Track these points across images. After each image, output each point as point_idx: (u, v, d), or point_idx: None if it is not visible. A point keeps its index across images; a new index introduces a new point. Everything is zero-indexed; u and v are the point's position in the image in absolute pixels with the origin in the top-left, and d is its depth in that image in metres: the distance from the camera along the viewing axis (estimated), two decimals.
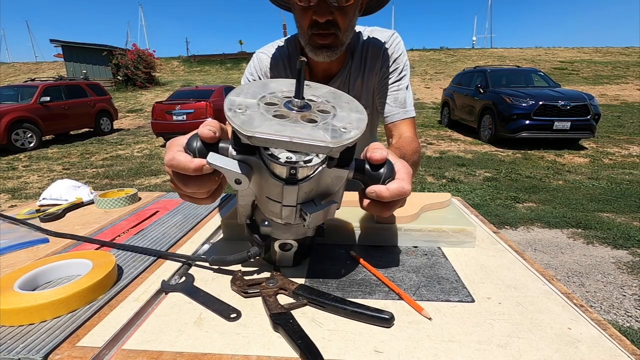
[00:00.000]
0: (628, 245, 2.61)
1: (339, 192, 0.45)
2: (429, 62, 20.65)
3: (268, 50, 0.92)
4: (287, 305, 0.42)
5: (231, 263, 0.51)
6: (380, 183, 0.44)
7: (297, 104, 0.41)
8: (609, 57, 20.46)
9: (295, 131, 0.36)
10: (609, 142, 6.40)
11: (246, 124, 0.36)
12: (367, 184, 0.45)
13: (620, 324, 1.79)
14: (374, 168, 0.44)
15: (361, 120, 0.41)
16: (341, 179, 0.44)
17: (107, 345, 0.37)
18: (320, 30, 0.73)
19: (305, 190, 0.42)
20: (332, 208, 0.45)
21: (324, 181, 0.43)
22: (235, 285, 0.47)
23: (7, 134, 6.76)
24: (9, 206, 3.86)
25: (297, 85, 0.41)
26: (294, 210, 0.43)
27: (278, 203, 0.43)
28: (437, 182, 4.32)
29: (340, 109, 0.43)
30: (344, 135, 0.38)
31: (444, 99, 8.85)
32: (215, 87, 8.25)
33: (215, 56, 27.02)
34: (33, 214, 0.79)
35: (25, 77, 19.88)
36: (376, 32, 0.90)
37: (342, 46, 0.77)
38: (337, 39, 0.75)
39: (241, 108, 0.38)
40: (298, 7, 0.73)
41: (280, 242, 0.49)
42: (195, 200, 0.45)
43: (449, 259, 0.56)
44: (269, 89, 0.44)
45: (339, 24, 0.73)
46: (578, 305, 0.43)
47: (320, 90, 0.47)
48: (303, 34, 0.76)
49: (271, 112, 0.39)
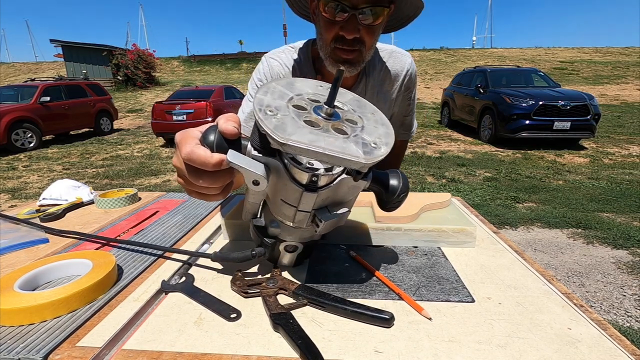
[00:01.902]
0: (628, 245, 2.61)
1: (352, 200, 0.45)
2: (429, 62, 20.65)
3: (279, 57, 0.89)
4: (287, 305, 0.42)
5: (234, 260, 0.50)
6: (395, 197, 0.44)
7: (326, 112, 0.40)
8: (609, 57, 20.46)
9: (328, 142, 0.35)
10: (609, 142, 6.40)
11: (279, 129, 0.35)
12: (382, 197, 0.45)
13: (620, 324, 1.79)
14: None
15: (389, 135, 0.41)
16: (358, 189, 0.44)
17: (107, 345, 0.37)
18: (345, 46, 0.71)
19: (323, 197, 0.41)
20: (345, 216, 0.45)
21: (341, 190, 0.42)
22: (235, 285, 0.47)
23: (7, 134, 6.76)
24: (9, 206, 3.86)
25: (331, 92, 0.39)
26: (308, 215, 0.43)
27: (293, 207, 0.42)
28: (437, 182, 4.32)
29: (367, 120, 0.42)
30: (375, 152, 0.37)
31: (444, 99, 8.85)
32: (215, 87, 8.24)
33: (215, 56, 27.03)
34: (33, 214, 0.79)
35: (25, 77, 19.88)
36: (396, 56, 0.91)
37: (363, 63, 0.75)
38: (360, 56, 0.73)
39: (272, 110, 0.37)
40: (324, 19, 0.70)
41: (286, 244, 0.49)
42: (206, 197, 0.43)
43: (449, 259, 0.56)
44: (296, 90, 0.43)
45: (365, 42, 0.71)
46: (578, 305, 0.43)
47: (345, 96, 0.46)
48: (325, 46, 0.74)
49: (302, 118, 0.38)
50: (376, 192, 0.46)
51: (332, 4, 0.67)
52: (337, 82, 0.38)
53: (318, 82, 0.46)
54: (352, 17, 0.67)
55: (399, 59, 0.91)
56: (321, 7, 0.69)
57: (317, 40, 0.78)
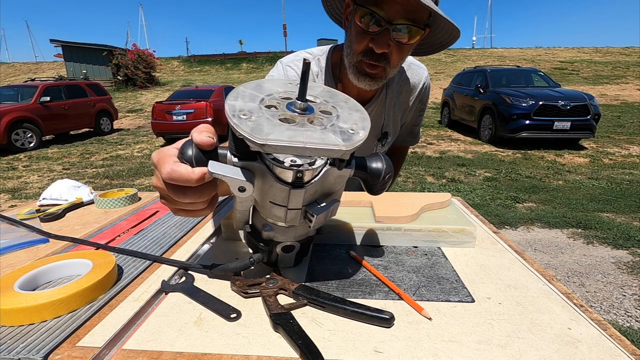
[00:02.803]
0: (628, 245, 2.61)
1: (340, 190, 0.46)
2: (429, 62, 20.64)
3: (296, 65, 0.86)
4: (287, 306, 0.42)
5: (233, 271, 0.49)
6: (380, 179, 0.44)
7: (300, 106, 0.40)
8: (609, 57, 20.45)
9: (307, 136, 0.36)
10: (609, 142, 6.40)
11: (256, 131, 0.34)
12: (368, 181, 0.45)
13: (620, 324, 1.79)
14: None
15: (364, 119, 0.42)
16: (344, 178, 0.44)
17: (107, 345, 0.37)
18: (372, 61, 0.70)
19: (311, 192, 0.42)
20: (336, 207, 0.45)
21: (327, 182, 0.43)
22: (236, 286, 0.46)
23: (7, 134, 6.76)
24: (9, 206, 3.86)
25: (301, 86, 0.39)
26: (299, 212, 0.43)
27: (283, 207, 0.42)
28: (437, 182, 4.32)
29: (341, 109, 0.43)
30: (353, 137, 0.38)
31: (444, 99, 8.85)
32: (215, 87, 8.24)
33: (215, 56, 27.03)
34: (33, 214, 0.79)
35: (25, 77, 19.88)
36: (414, 68, 0.92)
37: (385, 79, 0.75)
38: (384, 72, 0.72)
39: (245, 114, 0.37)
40: (357, 28, 0.69)
41: (282, 245, 0.49)
42: (193, 213, 0.42)
43: (449, 259, 0.56)
44: (265, 90, 0.43)
45: (392, 59, 0.70)
46: (578, 305, 0.43)
47: (315, 89, 0.47)
48: (352, 55, 0.73)
49: (276, 117, 0.38)
50: (362, 178, 0.46)
51: (368, 17, 0.66)
52: (305, 75, 0.39)
53: (287, 80, 0.46)
54: (385, 31, 0.66)
55: (417, 72, 0.93)
56: (357, 17, 0.68)
57: (345, 47, 0.76)
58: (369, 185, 0.46)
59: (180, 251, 0.60)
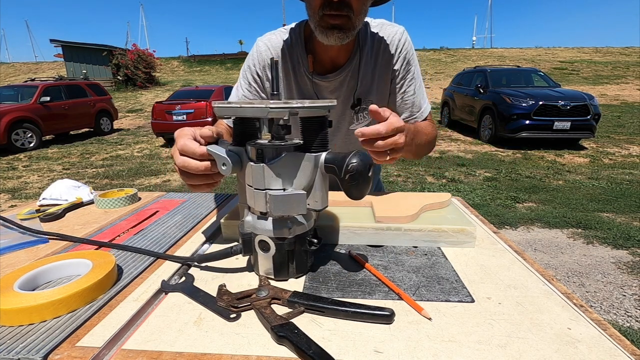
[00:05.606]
0: (628, 245, 2.61)
1: (308, 183, 0.46)
2: (428, 62, 20.64)
3: (269, 40, 0.88)
4: (286, 315, 0.41)
5: (215, 259, 0.53)
6: (348, 176, 0.42)
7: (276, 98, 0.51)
8: (609, 57, 20.46)
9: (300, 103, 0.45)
10: (609, 142, 6.40)
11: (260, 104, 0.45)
12: (339, 179, 0.44)
13: (620, 324, 1.79)
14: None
15: None
16: (308, 168, 0.45)
17: (107, 345, 0.37)
18: (333, 11, 0.70)
19: (273, 174, 0.45)
20: (300, 199, 0.44)
21: (293, 167, 0.45)
22: (223, 301, 0.43)
23: (7, 134, 6.76)
24: (9, 206, 3.86)
25: (273, 80, 0.51)
26: (264, 196, 0.46)
27: (251, 188, 0.47)
28: (437, 182, 4.32)
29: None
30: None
31: (444, 99, 8.85)
32: (215, 87, 8.24)
33: (215, 56, 27.04)
34: (33, 214, 0.79)
35: (25, 77, 19.87)
36: (386, 27, 0.87)
37: (353, 30, 0.74)
38: (350, 21, 0.72)
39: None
40: None
41: (259, 239, 0.48)
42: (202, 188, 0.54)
43: (448, 259, 0.56)
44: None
45: (352, 6, 0.70)
46: (578, 305, 0.43)
47: None
48: (314, 14, 0.73)
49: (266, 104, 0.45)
50: (335, 174, 0.44)
51: None
52: (275, 69, 0.50)
53: None
54: None
55: (390, 29, 0.87)
56: None
57: (307, 12, 0.76)
58: (341, 183, 0.44)
59: (180, 251, 0.60)
